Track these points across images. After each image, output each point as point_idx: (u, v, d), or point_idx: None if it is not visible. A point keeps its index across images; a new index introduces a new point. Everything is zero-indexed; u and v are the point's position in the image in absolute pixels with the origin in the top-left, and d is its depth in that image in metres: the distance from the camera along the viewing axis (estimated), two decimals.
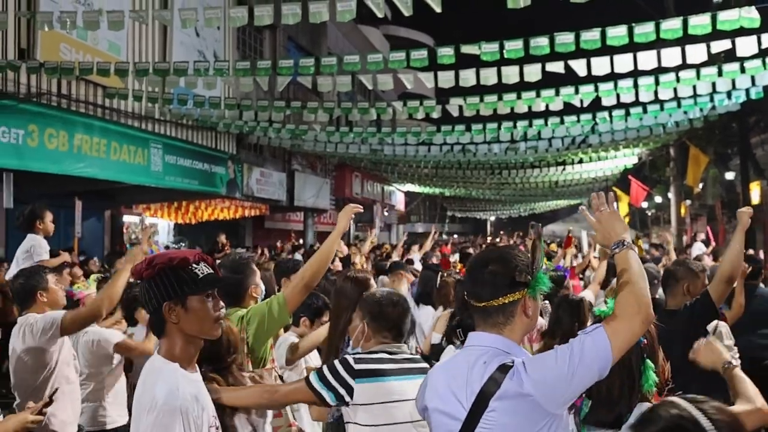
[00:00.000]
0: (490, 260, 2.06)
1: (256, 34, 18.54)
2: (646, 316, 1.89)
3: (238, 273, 3.48)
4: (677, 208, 23.64)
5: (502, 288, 1.98)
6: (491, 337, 1.99)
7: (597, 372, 1.84)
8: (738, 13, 6.74)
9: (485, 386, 1.86)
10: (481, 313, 2.04)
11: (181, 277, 2.13)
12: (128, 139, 11.67)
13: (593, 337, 1.86)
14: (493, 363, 1.89)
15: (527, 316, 2.00)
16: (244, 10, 7.21)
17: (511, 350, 1.96)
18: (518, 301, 1.98)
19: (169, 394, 1.98)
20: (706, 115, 12.53)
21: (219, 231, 15.25)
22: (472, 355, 1.98)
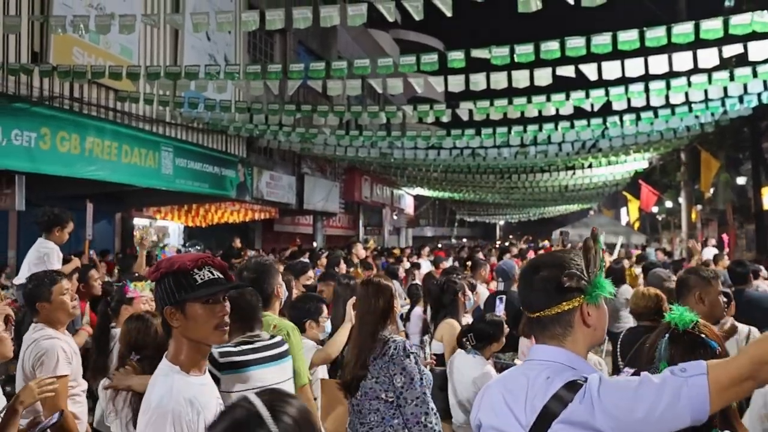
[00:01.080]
0: (541, 265, 1.89)
1: (267, 37, 18.61)
2: (763, 381, 1.56)
3: (261, 276, 3.50)
4: (688, 213, 23.51)
5: (555, 296, 1.82)
6: (553, 351, 1.82)
7: (689, 421, 1.53)
8: (750, 17, 6.71)
9: (549, 404, 1.66)
10: (536, 325, 1.88)
11: (179, 282, 2.13)
12: (139, 142, 11.72)
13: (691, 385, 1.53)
14: (558, 379, 1.69)
15: (588, 325, 1.82)
16: (256, 14, 7.23)
17: (576, 365, 1.78)
18: (575, 309, 1.81)
19: (162, 397, 2.01)
20: (717, 119, 12.46)
21: (229, 234, 15.30)
22: (533, 369, 1.80)
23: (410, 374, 3.24)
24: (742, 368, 1.53)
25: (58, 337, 3.73)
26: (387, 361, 3.27)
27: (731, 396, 1.55)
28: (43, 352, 3.59)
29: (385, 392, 3.27)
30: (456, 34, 47.28)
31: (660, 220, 35.41)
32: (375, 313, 3.42)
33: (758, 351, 1.55)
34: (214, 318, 2.15)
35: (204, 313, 2.14)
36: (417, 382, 3.24)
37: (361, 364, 3.31)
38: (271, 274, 3.55)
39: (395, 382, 3.24)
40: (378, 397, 3.27)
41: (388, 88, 9.14)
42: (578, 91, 9.85)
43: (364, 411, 3.31)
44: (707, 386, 1.52)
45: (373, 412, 3.28)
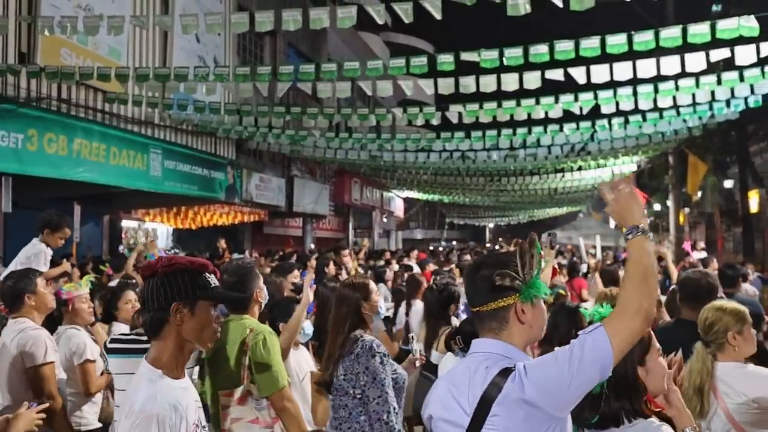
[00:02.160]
0: (482, 264, 2.04)
1: (257, 39, 18.58)
2: (646, 315, 1.81)
3: (242, 279, 3.49)
4: (676, 215, 23.62)
5: (491, 293, 1.95)
6: (491, 343, 1.96)
7: (598, 373, 1.77)
8: (737, 22, 6.75)
9: (487, 391, 1.81)
10: (477, 319, 2.02)
11: (196, 280, 2.18)
12: (128, 144, 11.67)
13: (593, 337, 1.79)
14: (495, 368, 1.84)
15: (522, 322, 1.95)
16: (245, 15, 7.22)
17: (512, 355, 1.91)
18: (509, 306, 1.94)
19: (147, 401, 2.00)
20: (704, 123, 12.54)
21: (218, 236, 15.24)
22: (474, 361, 1.94)
23: (373, 373, 3.33)
24: (625, 308, 1.81)
25: (41, 328, 3.89)
26: (353, 359, 3.36)
27: (628, 334, 1.79)
28: (31, 342, 3.71)
29: (352, 389, 3.36)
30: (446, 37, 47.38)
31: (648, 223, 35.58)
32: (349, 317, 3.50)
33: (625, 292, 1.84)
34: (215, 322, 2.21)
35: (210, 317, 2.19)
36: (379, 381, 3.32)
37: (331, 369, 3.42)
38: (251, 277, 3.55)
39: (359, 380, 3.34)
40: (347, 393, 3.37)
41: (377, 90, 9.14)
42: (567, 94, 9.89)
43: (336, 406, 3.42)
44: (605, 333, 1.77)
45: (342, 408, 3.39)
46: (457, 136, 13.58)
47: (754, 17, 6.69)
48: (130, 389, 2.11)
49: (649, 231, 1.96)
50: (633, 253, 1.91)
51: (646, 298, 1.82)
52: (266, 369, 3.27)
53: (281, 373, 3.32)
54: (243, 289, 3.47)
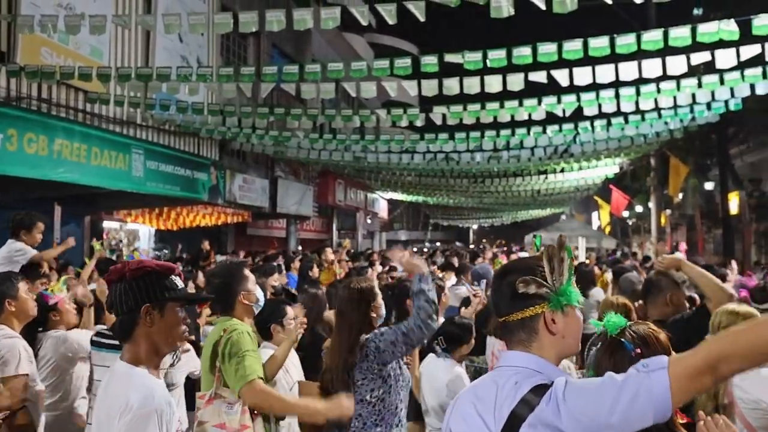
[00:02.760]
0: (509, 271, 1.89)
1: (240, 40, 18.51)
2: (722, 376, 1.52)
3: (227, 279, 3.44)
4: (657, 217, 23.85)
5: (518, 301, 1.81)
6: (522, 356, 1.81)
7: (652, 419, 1.51)
8: (717, 25, 6.83)
9: (517, 408, 1.64)
10: (504, 329, 1.88)
11: (164, 283, 2.21)
12: (109, 145, 11.57)
13: (652, 378, 1.51)
14: (526, 384, 1.68)
15: (552, 333, 1.80)
16: (229, 16, 7.19)
17: (545, 370, 1.76)
18: (538, 316, 1.80)
19: (145, 398, 2.01)
20: (686, 125, 12.67)
21: (201, 237, 15.15)
22: (502, 376, 1.78)
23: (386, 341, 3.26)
24: (700, 362, 1.51)
25: (18, 337, 3.74)
26: (371, 361, 3.25)
27: (692, 390, 1.52)
28: (6, 350, 3.57)
29: (370, 392, 3.24)
30: (430, 39, 47.49)
31: (630, 225, 35.87)
32: (355, 321, 3.37)
33: (716, 345, 1.53)
34: (183, 323, 2.25)
35: (179, 318, 2.23)
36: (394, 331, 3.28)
37: (343, 379, 3.26)
38: (237, 278, 3.46)
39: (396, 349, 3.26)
40: (362, 400, 3.22)
41: (361, 91, 9.14)
42: (550, 96, 9.95)
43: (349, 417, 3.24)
44: (668, 380, 1.50)
45: (355, 418, 3.22)
46: (440, 137, 13.61)
47: (734, 21, 6.77)
48: (115, 389, 2.09)
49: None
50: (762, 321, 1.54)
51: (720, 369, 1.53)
52: (232, 365, 3.14)
53: (252, 366, 3.15)
54: (228, 290, 3.40)
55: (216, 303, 3.52)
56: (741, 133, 22.13)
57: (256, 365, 3.20)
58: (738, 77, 8.75)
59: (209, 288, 3.49)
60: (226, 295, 3.41)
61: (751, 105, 13.89)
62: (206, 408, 3.20)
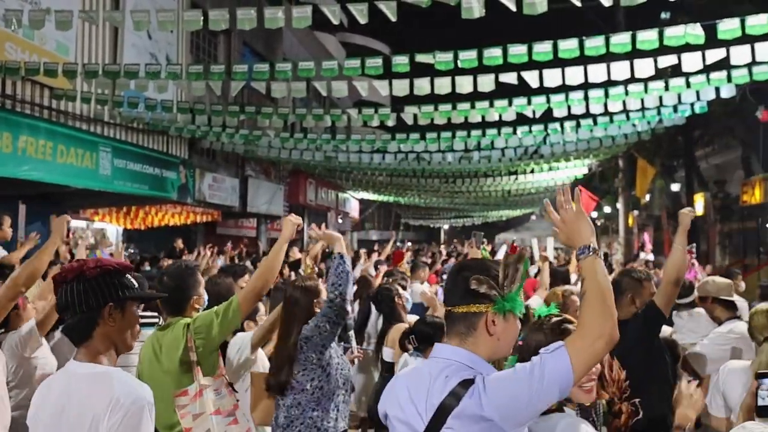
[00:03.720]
0: (464, 267, 2.00)
1: (211, 38, 18.34)
2: (610, 337, 1.78)
3: (181, 283, 3.43)
4: (625, 218, 24.18)
5: (466, 296, 1.91)
6: (454, 350, 1.92)
7: (557, 394, 1.75)
8: (684, 29, 6.93)
9: (445, 401, 1.78)
10: (447, 319, 1.99)
11: (123, 281, 2.20)
12: (76, 142, 11.38)
13: (554, 357, 1.75)
14: (455, 378, 1.81)
15: (490, 333, 1.90)
16: (199, 13, 7.11)
17: (475, 365, 1.87)
18: (481, 314, 1.90)
19: (136, 393, 2.02)
20: (653, 128, 12.85)
21: (170, 237, 14.99)
22: (435, 366, 1.91)
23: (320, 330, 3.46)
24: (586, 328, 1.79)
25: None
26: (305, 352, 3.44)
27: (589, 357, 1.75)
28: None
29: (310, 381, 3.43)
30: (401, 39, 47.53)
31: (599, 225, 36.32)
32: (300, 317, 3.53)
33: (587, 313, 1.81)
34: (137, 325, 2.25)
35: (136, 316, 2.23)
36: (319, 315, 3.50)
37: (286, 371, 3.44)
38: (190, 282, 3.46)
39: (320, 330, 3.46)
40: (303, 390, 3.42)
41: (333, 91, 9.12)
42: (520, 97, 10.02)
43: (287, 405, 3.46)
44: (567, 356, 1.73)
45: (294, 406, 3.43)
46: (412, 137, 13.63)
47: (700, 25, 6.88)
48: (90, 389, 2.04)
49: (598, 250, 1.93)
50: (587, 274, 1.87)
51: (608, 319, 1.79)
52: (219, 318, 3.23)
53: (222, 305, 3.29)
54: (181, 293, 3.40)
55: (166, 304, 3.49)
56: (706, 135, 22.52)
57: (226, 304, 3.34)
58: (704, 80, 8.89)
59: (160, 287, 3.47)
60: (178, 298, 3.42)
61: (716, 108, 14.15)
62: (197, 401, 3.23)
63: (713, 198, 22.35)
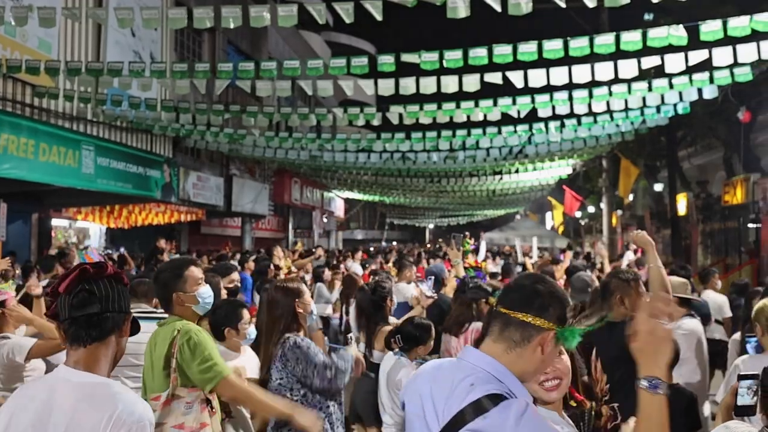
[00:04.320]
0: (541, 280, 1.89)
1: (195, 36, 18.25)
2: None
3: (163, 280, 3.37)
4: (609, 217, 24.34)
5: (537, 308, 1.80)
6: (486, 359, 1.80)
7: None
8: (667, 30, 7.00)
9: (464, 410, 1.66)
10: (500, 321, 1.85)
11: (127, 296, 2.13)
12: (58, 140, 11.28)
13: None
14: (480, 389, 1.69)
15: (542, 352, 1.80)
16: (183, 11, 7.08)
17: (505, 380, 1.75)
18: (542, 330, 1.79)
19: (141, 408, 1.91)
20: (636, 128, 12.95)
21: (153, 236, 14.90)
22: (462, 370, 1.79)
23: (304, 356, 3.35)
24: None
25: None
26: (283, 362, 3.37)
27: None
28: None
29: (289, 391, 3.36)
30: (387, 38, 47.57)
31: (583, 225, 36.52)
32: (282, 319, 3.47)
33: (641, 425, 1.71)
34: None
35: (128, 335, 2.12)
36: (313, 356, 3.35)
37: (265, 370, 3.42)
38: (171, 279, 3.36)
39: (295, 372, 3.35)
40: (284, 397, 3.35)
41: (318, 90, 9.11)
42: (505, 97, 10.07)
43: None
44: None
45: None
46: (397, 137, 13.65)
47: (683, 27, 6.94)
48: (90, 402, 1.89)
49: (667, 388, 1.73)
50: (646, 410, 1.71)
51: None
52: (199, 365, 3.11)
53: (218, 364, 3.15)
54: (163, 292, 3.35)
55: (160, 302, 3.47)
56: (689, 136, 22.70)
57: (221, 360, 3.21)
58: (686, 81, 8.98)
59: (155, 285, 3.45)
60: (163, 296, 3.37)
61: (699, 109, 14.28)
62: (163, 409, 3.15)
63: (695, 198, 22.53)
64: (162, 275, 3.39)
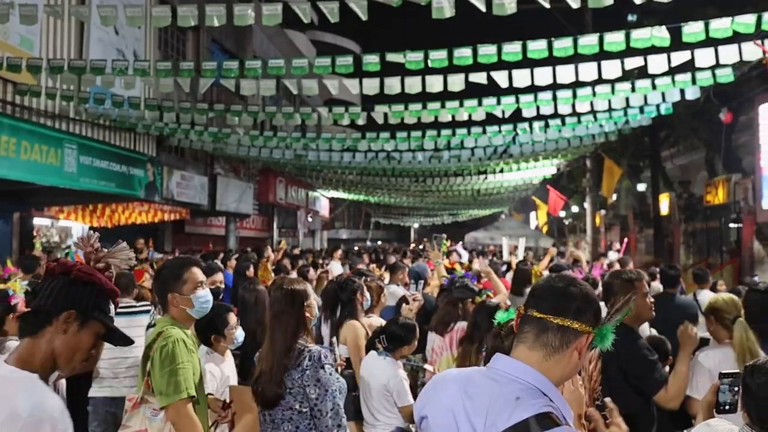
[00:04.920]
0: (574, 282, 1.85)
1: (179, 34, 18.15)
2: None
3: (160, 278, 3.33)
4: (592, 217, 24.48)
5: (574, 311, 1.77)
6: (525, 369, 1.74)
7: None
8: (650, 32, 7.05)
9: (514, 429, 1.58)
10: (534, 326, 1.79)
11: (100, 302, 2.08)
12: (40, 139, 11.16)
13: None
14: (529, 404, 1.62)
15: (579, 357, 1.77)
16: (167, 9, 7.04)
17: (548, 392, 1.69)
18: (581, 334, 1.76)
19: (35, 405, 1.79)
20: (620, 128, 13.03)
21: (137, 235, 14.79)
22: (499, 383, 1.72)
23: (324, 386, 3.13)
24: None
25: None
26: (301, 373, 3.14)
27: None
28: None
29: (299, 403, 3.15)
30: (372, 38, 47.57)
31: (566, 224, 36.74)
32: (290, 323, 3.25)
33: None
34: (91, 353, 2.08)
35: (92, 341, 2.06)
36: (331, 394, 3.13)
37: (278, 381, 3.15)
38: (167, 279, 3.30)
39: (309, 393, 3.12)
40: (292, 408, 3.15)
41: (303, 89, 9.09)
42: (490, 97, 10.10)
43: (277, 420, 3.18)
44: None
45: (287, 421, 3.16)
46: (382, 136, 13.64)
47: (666, 28, 7.00)
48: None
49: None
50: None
51: None
52: (163, 377, 3.00)
53: (181, 384, 3.01)
54: (159, 290, 3.30)
55: (159, 300, 3.41)
56: (672, 136, 22.88)
57: (189, 380, 3.06)
58: (669, 82, 9.05)
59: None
60: (159, 294, 3.30)
61: (681, 109, 14.40)
62: (132, 412, 3.11)
63: (678, 198, 22.73)
64: (162, 273, 3.32)
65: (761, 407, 2.23)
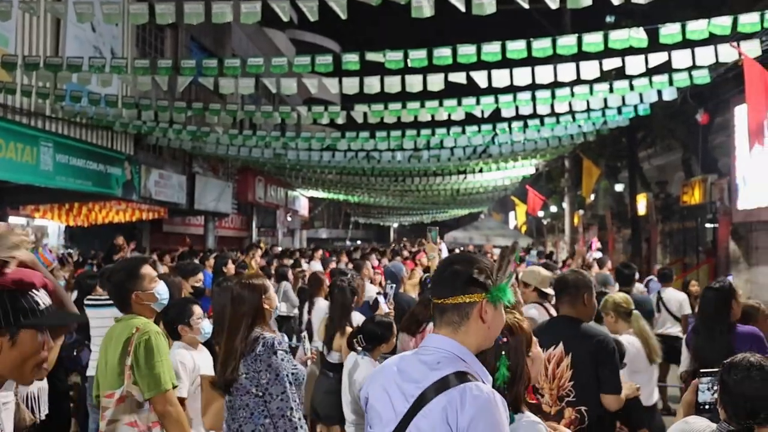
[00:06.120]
0: (454, 261, 2.05)
1: (158, 32, 17.99)
2: None
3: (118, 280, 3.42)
4: (571, 217, 24.66)
5: (460, 287, 1.95)
6: (446, 341, 1.95)
7: None
8: (628, 33, 7.11)
9: (431, 386, 1.84)
10: (438, 311, 2.01)
11: (19, 304, 1.74)
12: (15, 137, 11.02)
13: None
14: (449, 366, 1.87)
15: (483, 321, 1.95)
16: (145, 6, 6.96)
17: (467, 358, 1.92)
18: (475, 303, 1.94)
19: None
20: (598, 129, 13.13)
21: (113, 234, 14.65)
22: (426, 354, 1.96)
23: (275, 370, 3.25)
24: None
25: None
26: (254, 358, 3.28)
27: None
28: None
29: (255, 387, 3.28)
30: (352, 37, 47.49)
31: (545, 224, 36.95)
32: (247, 314, 3.41)
33: None
34: (43, 349, 1.78)
35: (35, 345, 1.75)
36: (282, 378, 3.25)
37: (233, 367, 3.30)
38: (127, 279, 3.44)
39: (260, 378, 3.26)
40: (248, 392, 3.28)
41: (282, 88, 9.05)
42: (469, 97, 10.13)
43: (236, 406, 3.32)
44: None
45: (242, 408, 3.29)
46: (362, 135, 13.63)
47: (643, 29, 7.07)
48: None
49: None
50: None
51: None
52: (148, 370, 3.20)
53: (164, 375, 3.25)
54: (119, 292, 3.41)
55: (115, 302, 3.47)
56: (649, 137, 23.08)
57: (172, 372, 3.29)
58: (646, 83, 9.13)
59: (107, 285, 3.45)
60: (119, 296, 3.41)
61: (658, 110, 14.54)
62: (117, 407, 3.20)
63: (655, 198, 22.95)
64: (116, 275, 3.44)
65: (738, 404, 2.27)
